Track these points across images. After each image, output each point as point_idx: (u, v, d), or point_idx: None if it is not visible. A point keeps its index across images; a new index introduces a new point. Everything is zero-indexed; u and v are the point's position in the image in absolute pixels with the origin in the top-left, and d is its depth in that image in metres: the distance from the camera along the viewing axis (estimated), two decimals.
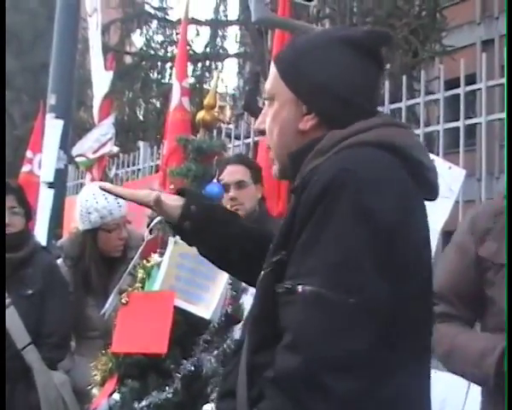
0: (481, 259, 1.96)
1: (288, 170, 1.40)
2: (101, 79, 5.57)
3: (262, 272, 1.30)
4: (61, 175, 5.05)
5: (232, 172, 3.14)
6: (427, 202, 1.34)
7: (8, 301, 2.92)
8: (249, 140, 5.12)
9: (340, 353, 1.11)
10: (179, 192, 1.69)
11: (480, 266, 1.96)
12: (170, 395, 2.37)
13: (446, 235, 3.00)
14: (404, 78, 3.89)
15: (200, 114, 2.80)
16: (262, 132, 1.46)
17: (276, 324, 1.21)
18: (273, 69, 1.42)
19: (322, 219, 1.17)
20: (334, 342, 1.12)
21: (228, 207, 3.06)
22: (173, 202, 1.64)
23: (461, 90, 3.49)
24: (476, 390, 2.40)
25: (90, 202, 3.16)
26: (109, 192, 1.71)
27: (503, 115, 3.17)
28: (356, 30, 1.41)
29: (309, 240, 1.18)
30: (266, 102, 1.45)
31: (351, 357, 1.11)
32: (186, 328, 2.50)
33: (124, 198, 1.72)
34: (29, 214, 3.18)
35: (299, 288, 1.16)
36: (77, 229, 3.33)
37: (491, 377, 1.85)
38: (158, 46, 16.98)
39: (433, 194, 1.37)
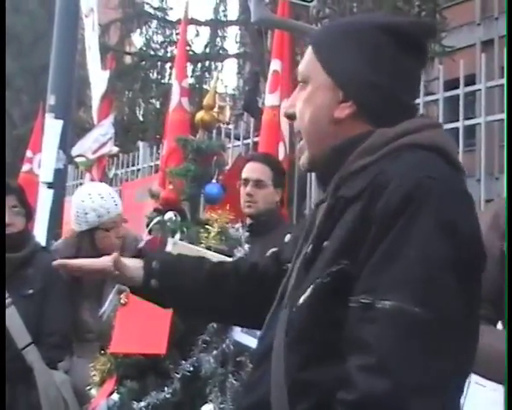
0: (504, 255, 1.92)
1: (321, 162, 1.30)
2: (98, 79, 5.58)
3: (317, 281, 1.17)
4: (60, 175, 5.05)
5: (253, 169, 3.12)
6: None
7: (8, 300, 2.92)
8: (249, 140, 5.11)
9: (430, 376, 1.03)
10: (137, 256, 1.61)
11: (503, 263, 1.90)
12: (169, 396, 2.36)
13: None
14: None
15: (199, 115, 2.80)
16: (290, 117, 1.37)
17: (331, 337, 1.13)
18: (309, 50, 1.33)
19: (404, 231, 1.08)
20: (424, 364, 1.03)
21: (242, 201, 3.07)
22: (134, 263, 1.57)
23: (460, 91, 3.50)
24: (475, 390, 2.39)
25: (87, 202, 3.14)
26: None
27: (503, 116, 3.17)
28: (401, 18, 1.33)
29: (391, 252, 1.08)
30: (298, 85, 1.35)
31: (440, 380, 1.04)
32: (185, 329, 2.50)
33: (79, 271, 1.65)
34: (30, 214, 3.18)
35: (381, 303, 1.06)
36: (72, 231, 3.32)
37: None
38: (158, 46, 16.96)
39: None
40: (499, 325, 2.03)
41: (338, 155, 1.25)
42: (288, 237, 1.53)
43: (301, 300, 1.19)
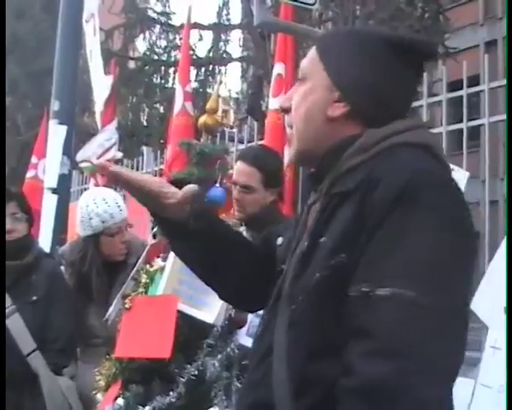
0: None
1: (307, 155, 1.36)
2: (101, 84, 5.59)
3: (317, 275, 1.20)
4: (64, 181, 5.05)
5: (240, 173, 2.87)
6: None
7: (12, 307, 2.92)
8: (253, 144, 5.11)
9: (433, 360, 1.06)
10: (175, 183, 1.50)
11: None
12: (174, 400, 2.36)
13: None
14: None
15: (203, 119, 2.80)
16: (285, 110, 1.42)
17: (335, 330, 1.16)
18: (313, 50, 1.40)
19: (401, 221, 1.13)
20: (427, 348, 1.06)
21: (234, 204, 2.95)
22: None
23: (464, 92, 3.49)
24: (481, 392, 2.38)
25: (91, 207, 3.13)
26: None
27: None
28: (404, 34, 1.40)
29: (388, 243, 1.13)
30: (297, 82, 1.41)
31: (444, 365, 1.07)
32: (189, 332, 2.49)
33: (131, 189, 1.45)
34: (32, 220, 3.17)
35: (382, 290, 1.10)
36: (78, 235, 3.33)
37: None
38: (161, 51, 17.02)
39: None
40: None
41: (332, 154, 1.30)
42: (280, 240, 1.53)
43: (301, 295, 1.23)
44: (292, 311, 1.24)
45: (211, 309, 2.48)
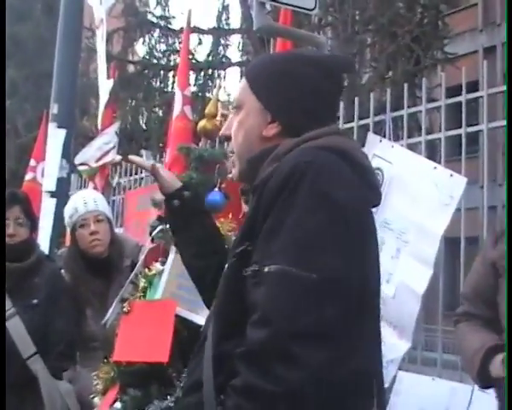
0: (494, 262, 1.97)
1: (247, 173, 1.52)
2: (104, 88, 5.60)
3: (226, 264, 1.40)
4: (63, 184, 5.05)
5: None
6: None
7: (13, 310, 2.91)
8: None
9: (305, 323, 1.18)
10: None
11: (494, 269, 1.96)
12: (171, 404, 2.36)
13: (447, 241, 3.00)
14: (406, 85, 3.88)
15: (202, 123, 2.81)
16: (228, 138, 1.59)
17: (242, 311, 1.28)
18: (243, 80, 1.56)
19: (284, 206, 1.27)
20: (299, 314, 1.19)
21: None
22: (171, 179, 1.89)
23: (462, 98, 3.49)
24: (479, 397, 2.38)
25: (65, 208, 3.33)
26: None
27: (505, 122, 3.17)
28: (322, 53, 1.60)
29: (273, 226, 1.27)
30: (233, 110, 1.58)
31: (316, 327, 1.18)
32: (188, 337, 2.49)
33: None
34: (34, 225, 3.18)
35: (266, 269, 1.24)
36: None
37: (475, 376, 1.87)
38: (160, 55, 17.04)
39: (378, 198, 1.47)
40: None
41: (254, 165, 1.48)
42: None
43: (219, 283, 1.43)
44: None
45: None
